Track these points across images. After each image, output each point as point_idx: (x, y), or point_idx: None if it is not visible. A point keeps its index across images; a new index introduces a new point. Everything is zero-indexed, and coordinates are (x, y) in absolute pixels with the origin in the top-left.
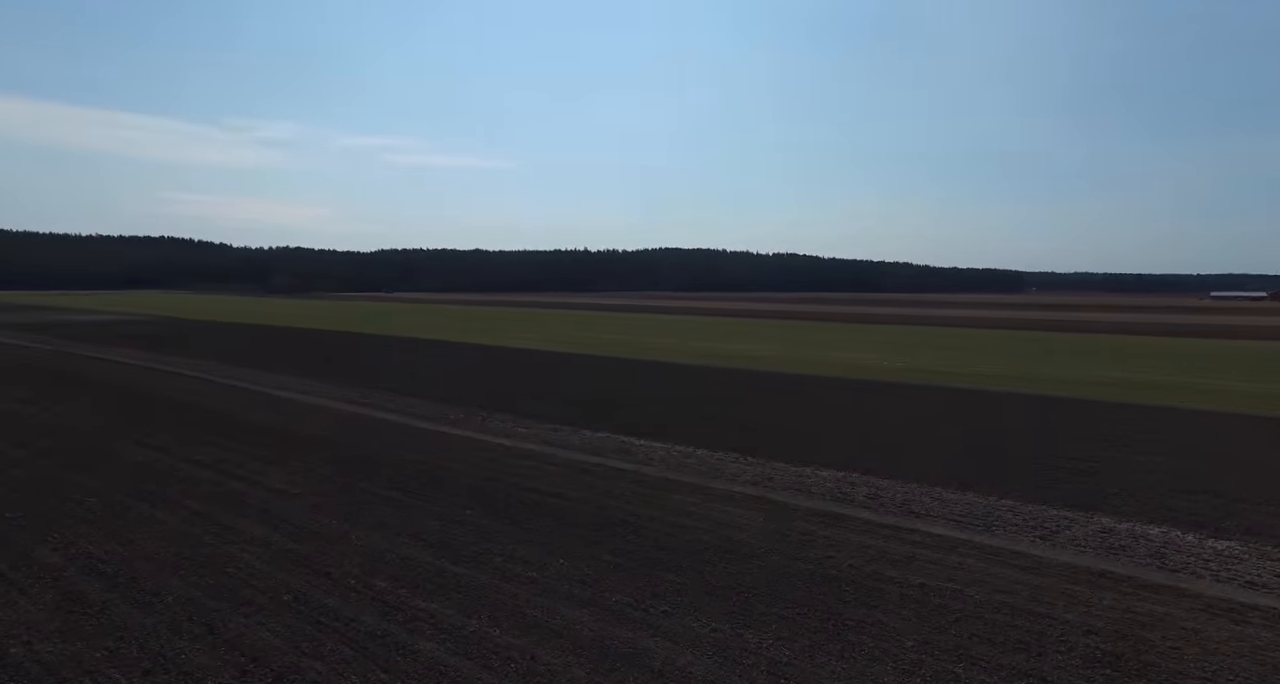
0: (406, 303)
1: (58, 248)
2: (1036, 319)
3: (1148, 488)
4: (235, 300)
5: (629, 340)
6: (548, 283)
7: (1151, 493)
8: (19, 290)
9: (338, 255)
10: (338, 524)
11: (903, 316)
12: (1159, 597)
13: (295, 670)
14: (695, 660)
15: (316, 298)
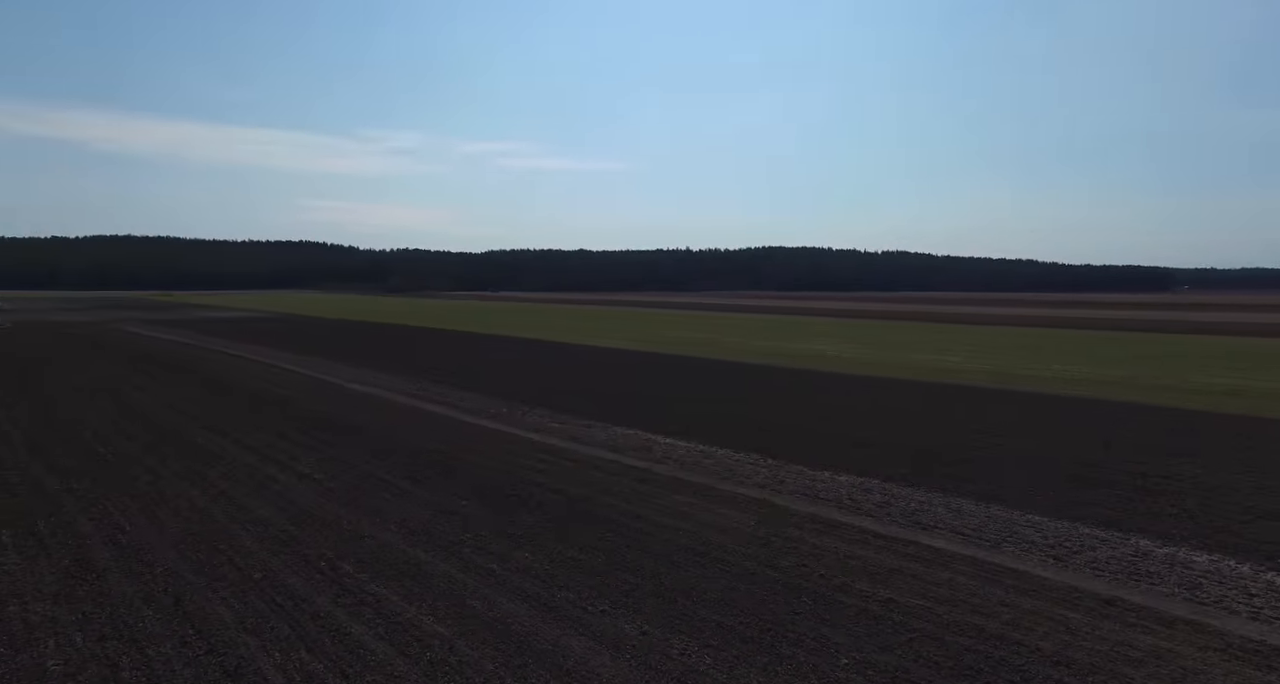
0: (507, 302)
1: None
2: (1172, 320)
3: (1216, 510)
4: (352, 299)
5: (705, 339)
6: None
7: (1218, 516)
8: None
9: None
10: (335, 508)
11: (1012, 317)
12: (1169, 631)
13: (229, 645)
14: (609, 663)
15: (426, 297)
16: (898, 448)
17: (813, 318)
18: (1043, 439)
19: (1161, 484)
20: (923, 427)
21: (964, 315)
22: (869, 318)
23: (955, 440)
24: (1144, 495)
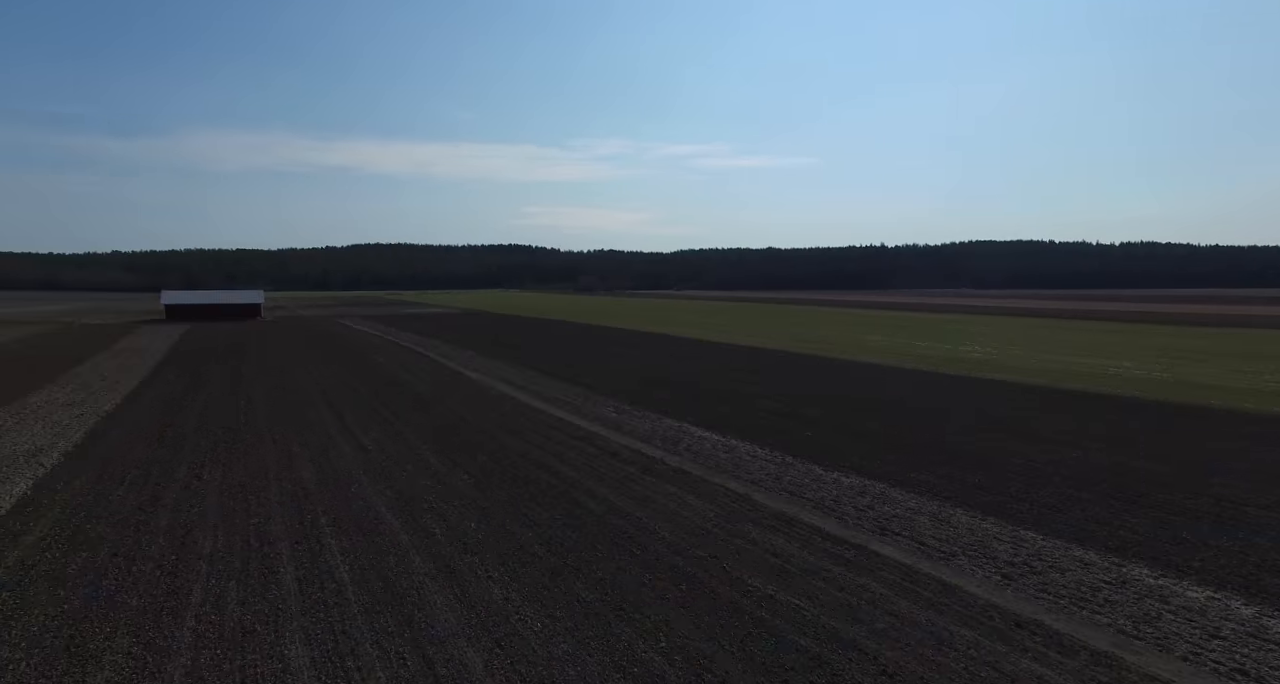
0: (682, 299)
1: (442, 257)
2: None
3: (1257, 546)
4: (539, 296)
5: (843, 338)
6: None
7: (1256, 554)
8: (410, 290)
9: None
10: (358, 470)
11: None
12: (1068, 661)
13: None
14: (450, 617)
15: (609, 295)
16: (942, 454)
17: (1008, 318)
18: (1121, 447)
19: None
20: (991, 432)
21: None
22: (1079, 318)
23: (1017, 451)
24: (1191, 520)
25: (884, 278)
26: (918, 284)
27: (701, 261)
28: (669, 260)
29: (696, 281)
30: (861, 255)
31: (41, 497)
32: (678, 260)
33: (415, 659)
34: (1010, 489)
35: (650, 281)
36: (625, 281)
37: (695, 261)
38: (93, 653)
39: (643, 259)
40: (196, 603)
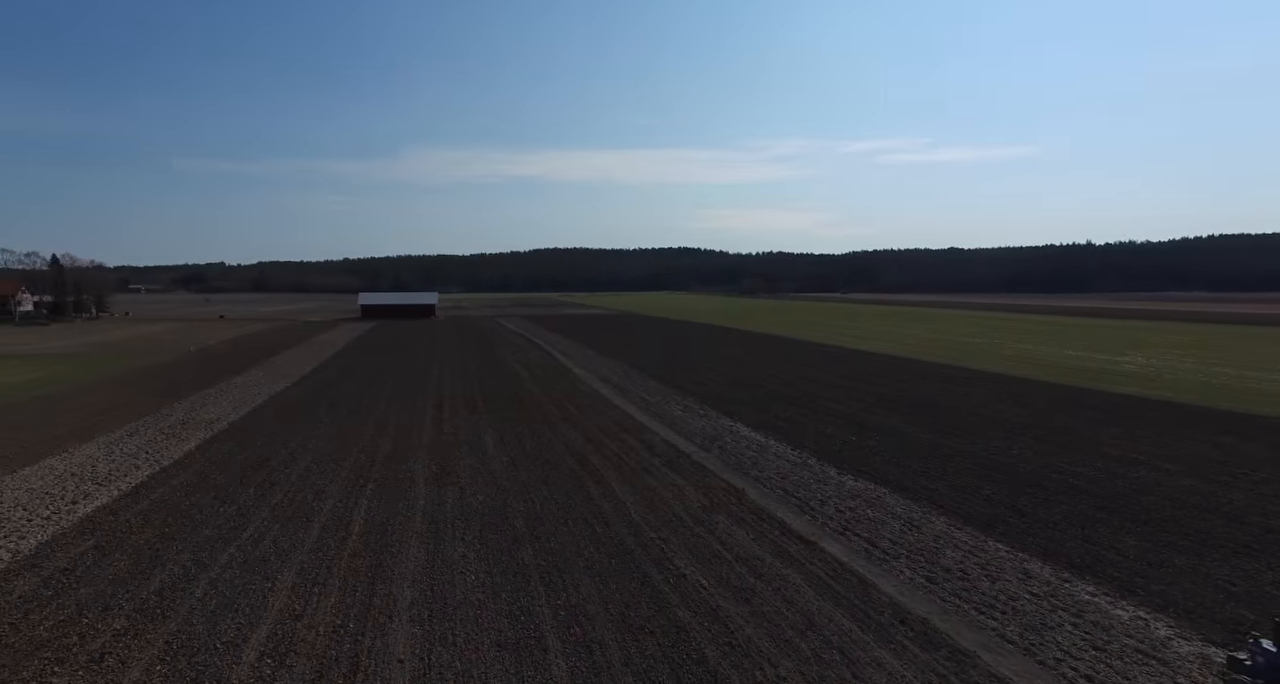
0: (838, 303)
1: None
2: None
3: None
4: (697, 298)
5: (985, 346)
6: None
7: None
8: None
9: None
10: (418, 446)
11: None
12: (924, 655)
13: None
14: (408, 564)
15: (770, 297)
16: (979, 466)
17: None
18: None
19: None
20: (1069, 449)
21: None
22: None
23: (1078, 467)
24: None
25: (1085, 280)
26: (1130, 287)
27: (874, 263)
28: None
29: (866, 284)
30: (1060, 255)
31: (198, 451)
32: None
33: (363, 588)
34: (1016, 503)
35: (817, 284)
36: (790, 284)
37: (867, 263)
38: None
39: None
40: (249, 539)
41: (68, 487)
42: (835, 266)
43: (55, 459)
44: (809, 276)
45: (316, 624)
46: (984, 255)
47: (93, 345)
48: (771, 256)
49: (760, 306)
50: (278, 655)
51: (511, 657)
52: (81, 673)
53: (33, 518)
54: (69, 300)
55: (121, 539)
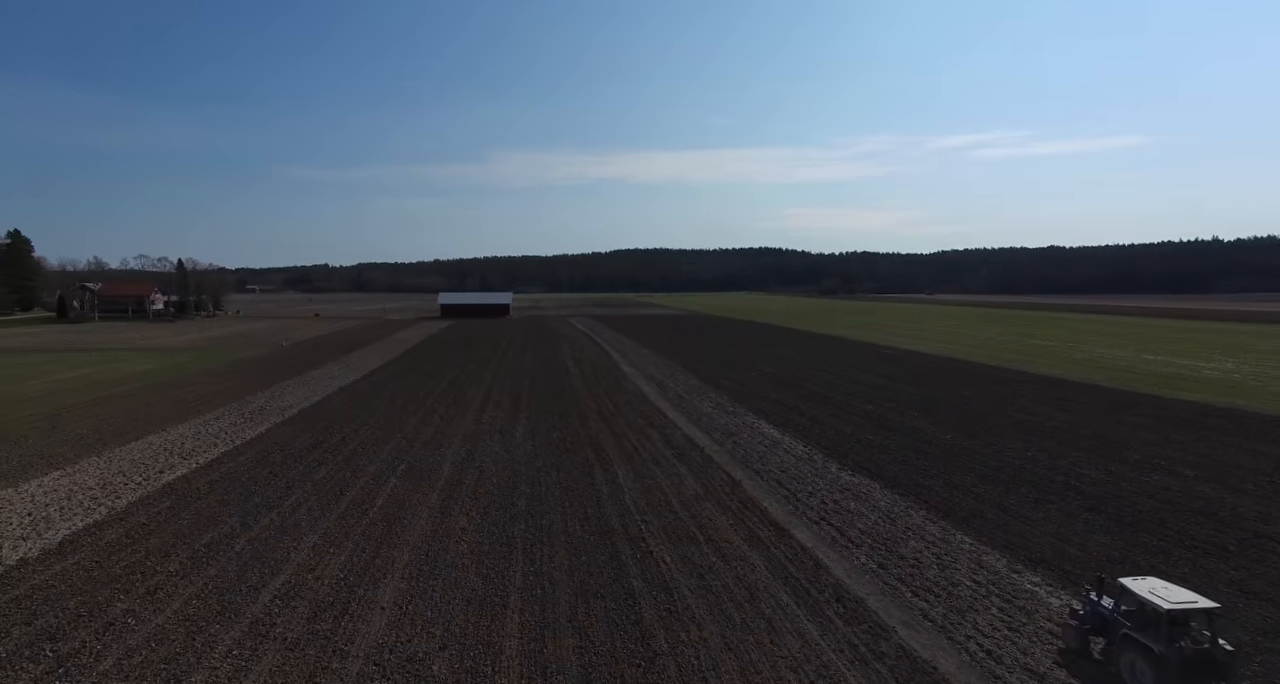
0: (917, 303)
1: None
2: None
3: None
4: (771, 299)
5: (1057, 349)
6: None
7: None
8: (656, 293)
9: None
10: (455, 435)
11: None
12: (847, 629)
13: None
14: (416, 531)
15: (847, 298)
16: (979, 461)
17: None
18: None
19: None
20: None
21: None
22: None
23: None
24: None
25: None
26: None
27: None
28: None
29: (954, 284)
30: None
31: (266, 434)
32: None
33: (370, 550)
34: (1003, 501)
35: (901, 284)
36: (870, 284)
37: (955, 263)
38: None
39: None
40: (289, 507)
41: (160, 459)
42: (921, 266)
43: (155, 436)
44: (893, 277)
45: (324, 576)
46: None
47: (205, 340)
48: (855, 256)
49: (834, 307)
50: (285, 598)
51: (475, 609)
52: (139, 601)
53: (129, 483)
54: (191, 300)
55: (189, 503)
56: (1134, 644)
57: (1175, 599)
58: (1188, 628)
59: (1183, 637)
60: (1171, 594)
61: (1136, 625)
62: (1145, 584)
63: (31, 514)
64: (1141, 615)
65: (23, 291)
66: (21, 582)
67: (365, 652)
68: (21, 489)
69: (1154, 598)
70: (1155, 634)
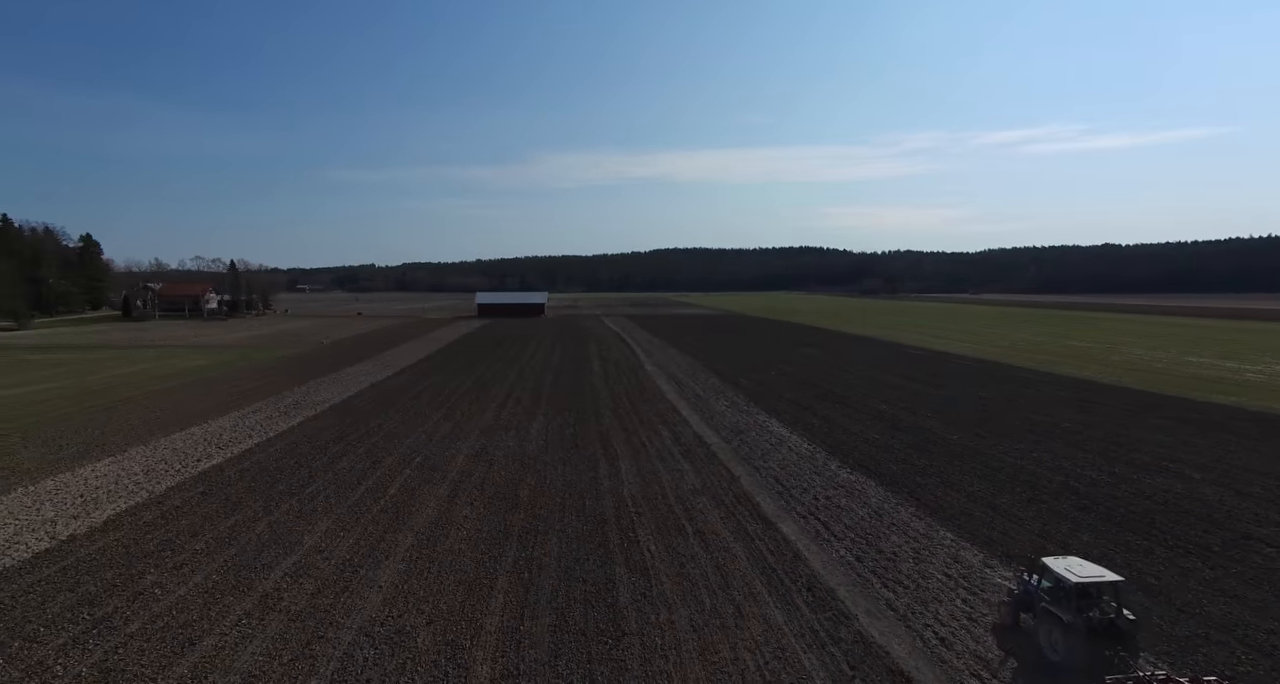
0: (958, 303)
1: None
2: None
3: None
4: (810, 299)
5: (1093, 351)
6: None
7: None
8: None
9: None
10: (472, 430)
11: None
12: (813, 616)
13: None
14: (422, 518)
15: (888, 298)
16: (982, 464)
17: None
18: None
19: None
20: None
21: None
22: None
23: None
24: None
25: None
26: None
27: (1010, 262)
28: (971, 261)
29: (1000, 283)
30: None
31: (298, 427)
32: (982, 261)
33: (376, 536)
34: (994, 500)
35: (945, 284)
36: (913, 284)
37: (1002, 262)
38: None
39: (942, 260)
40: (308, 494)
41: (198, 449)
42: (967, 265)
43: (197, 428)
44: (937, 276)
45: (331, 558)
46: (1144, 252)
47: (252, 338)
48: (898, 255)
49: (871, 307)
50: (294, 576)
51: (464, 590)
52: (166, 574)
53: (169, 470)
54: (242, 299)
55: (220, 489)
56: (1049, 616)
57: (1084, 574)
58: (1096, 600)
59: (1091, 608)
60: (1083, 570)
61: (1052, 599)
62: (1063, 562)
63: (83, 496)
64: (1056, 590)
65: (93, 292)
66: (69, 555)
67: (359, 624)
68: (78, 474)
69: (1067, 573)
70: (1066, 606)
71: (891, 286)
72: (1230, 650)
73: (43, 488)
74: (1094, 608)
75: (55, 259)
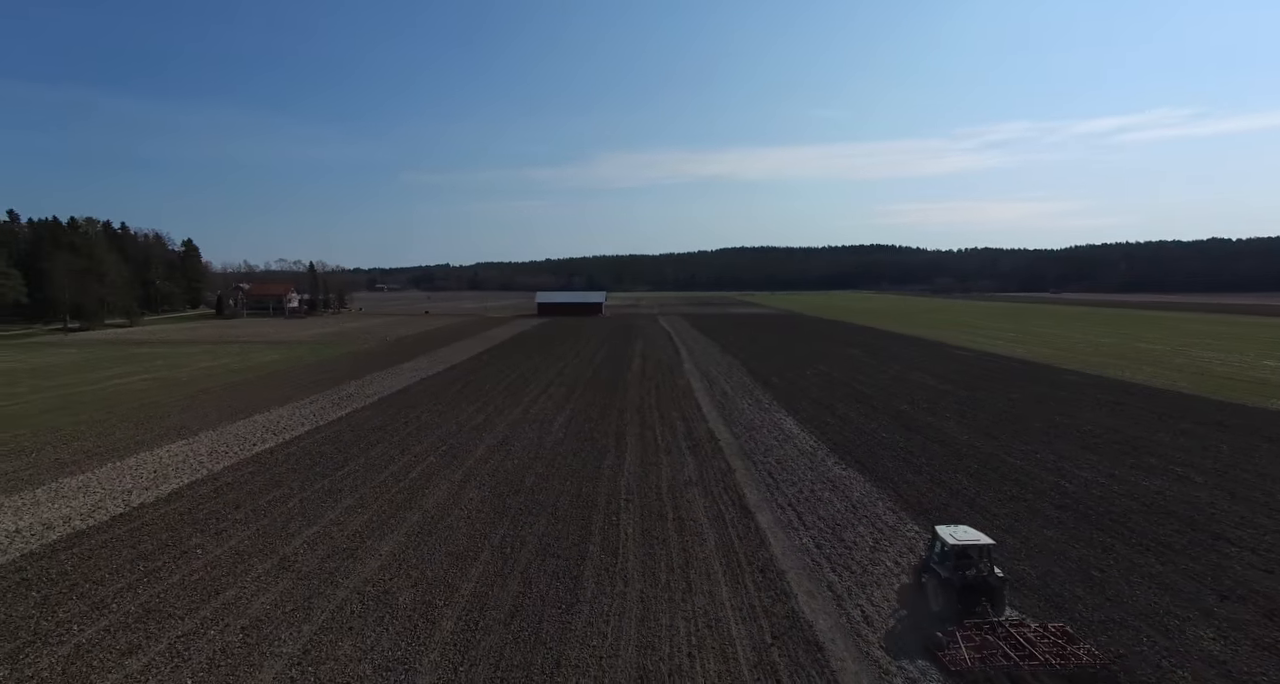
0: (1033, 303)
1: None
2: None
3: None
4: (876, 298)
5: (1158, 352)
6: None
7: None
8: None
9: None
10: (502, 423)
11: None
12: (759, 596)
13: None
14: (433, 499)
15: (961, 297)
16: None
17: None
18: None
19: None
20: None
21: None
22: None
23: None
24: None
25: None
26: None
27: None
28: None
29: (1086, 282)
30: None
31: (346, 418)
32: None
33: (389, 513)
34: (976, 498)
35: (1024, 282)
36: (989, 282)
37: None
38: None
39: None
40: (340, 476)
41: (256, 435)
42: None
43: (260, 416)
44: (1016, 274)
45: (345, 530)
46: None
47: (324, 335)
48: (974, 253)
49: (937, 307)
50: (311, 544)
51: (451, 560)
52: (208, 538)
53: (229, 452)
54: (320, 298)
55: (266, 470)
56: (934, 574)
57: (963, 538)
58: (972, 561)
59: (968, 567)
60: (964, 535)
61: (939, 560)
62: (950, 530)
63: (156, 472)
64: (941, 552)
65: (192, 292)
66: (136, 519)
67: (354, 585)
68: (156, 453)
69: (949, 538)
70: (947, 565)
71: (965, 285)
72: (1136, 632)
73: (126, 464)
74: (971, 567)
75: (161, 263)
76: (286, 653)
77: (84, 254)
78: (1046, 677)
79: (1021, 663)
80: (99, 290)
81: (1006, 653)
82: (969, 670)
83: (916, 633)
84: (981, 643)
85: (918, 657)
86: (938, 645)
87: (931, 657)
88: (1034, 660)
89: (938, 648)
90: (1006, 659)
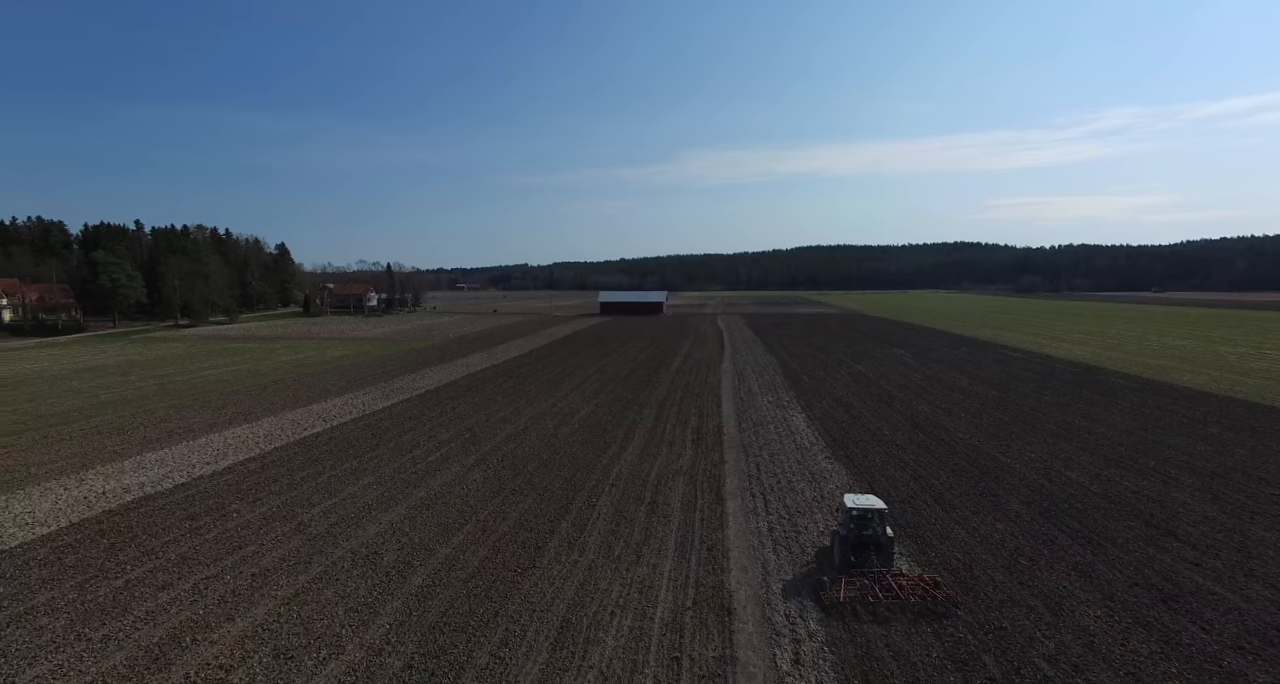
0: (1126, 302)
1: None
2: None
3: None
4: (952, 298)
5: (1226, 354)
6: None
7: None
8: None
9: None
10: (539, 412)
11: None
12: (703, 573)
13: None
14: (439, 478)
15: (1049, 296)
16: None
17: None
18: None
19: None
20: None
21: None
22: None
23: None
24: None
25: None
26: None
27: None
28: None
29: (1196, 279)
30: None
31: (389, 409)
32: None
33: (399, 489)
34: (945, 493)
35: (1123, 280)
36: (1084, 281)
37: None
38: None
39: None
40: (368, 458)
41: (308, 421)
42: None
43: (316, 405)
44: (1114, 271)
45: (358, 502)
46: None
47: (395, 332)
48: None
49: (1013, 306)
50: (326, 513)
51: (439, 529)
52: (245, 505)
53: (281, 435)
54: (396, 297)
55: (308, 450)
56: (836, 534)
57: (861, 504)
58: (869, 523)
59: (865, 528)
60: (864, 501)
61: (842, 522)
62: (854, 497)
63: (219, 450)
64: (844, 516)
65: (284, 291)
66: (193, 489)
67: (350, 546)
68: (223, 434)
69: (850, 503)
70: (847, 526)
71: (1054, 284)
72: (1029, 609)
73: (196, 443)
74: (868, 528)
75: (258, 265)
76: (280, 595)
77: (193, 258)
78: (900, 611)
79: (884, 599)
80: (205, 290)
81: (876, 594)
82: (837, 605)
83: (810, 581)
84: (861, 587)
85: (806, 598)
86: (821, 588)
87: (816, 597)
88: (896, 599)
89: (821, 589)
90: (874, 598)
